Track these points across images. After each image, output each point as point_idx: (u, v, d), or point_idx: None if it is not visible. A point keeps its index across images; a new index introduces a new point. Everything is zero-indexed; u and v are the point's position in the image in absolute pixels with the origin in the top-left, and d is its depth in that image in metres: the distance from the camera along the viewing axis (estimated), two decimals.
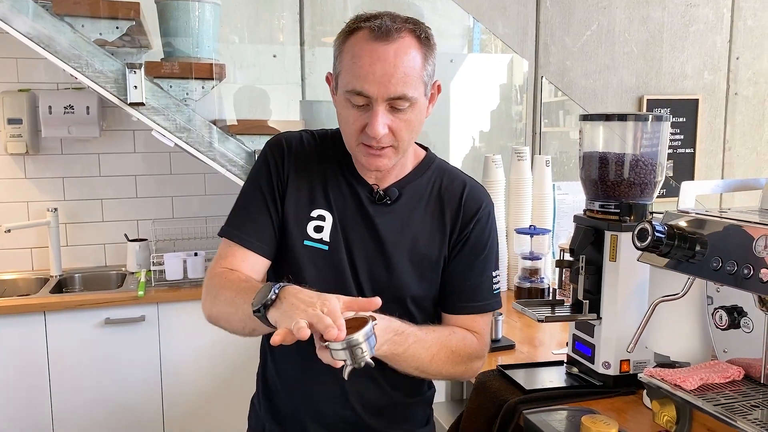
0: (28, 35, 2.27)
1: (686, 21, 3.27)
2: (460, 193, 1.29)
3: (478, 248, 1.28)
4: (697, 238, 1.12)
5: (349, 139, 1.19)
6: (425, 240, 1.26)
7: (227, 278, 1.20)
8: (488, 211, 1.31)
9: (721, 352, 1.23)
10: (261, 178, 1.27)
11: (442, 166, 1.34)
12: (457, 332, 1.26)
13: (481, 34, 3.54)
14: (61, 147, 2.97)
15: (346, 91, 1.13)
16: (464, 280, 1.28)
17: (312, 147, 1.29)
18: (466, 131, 3.49)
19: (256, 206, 1.26)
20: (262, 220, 1.25)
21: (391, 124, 1.13)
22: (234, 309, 1.14)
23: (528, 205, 2.38)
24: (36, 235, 2.95)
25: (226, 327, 1.20)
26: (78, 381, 2.56)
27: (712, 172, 3.44)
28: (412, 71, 1.12)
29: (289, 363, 1.29)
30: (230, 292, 1.16)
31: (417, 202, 1.28)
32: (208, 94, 2.56)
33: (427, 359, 1.18)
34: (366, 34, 1.11)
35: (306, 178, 1.26)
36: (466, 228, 1.27)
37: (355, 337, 0.94)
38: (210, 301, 1.21)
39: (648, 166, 1.40)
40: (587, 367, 1.47)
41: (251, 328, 1.13)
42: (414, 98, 1.13)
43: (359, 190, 1.26)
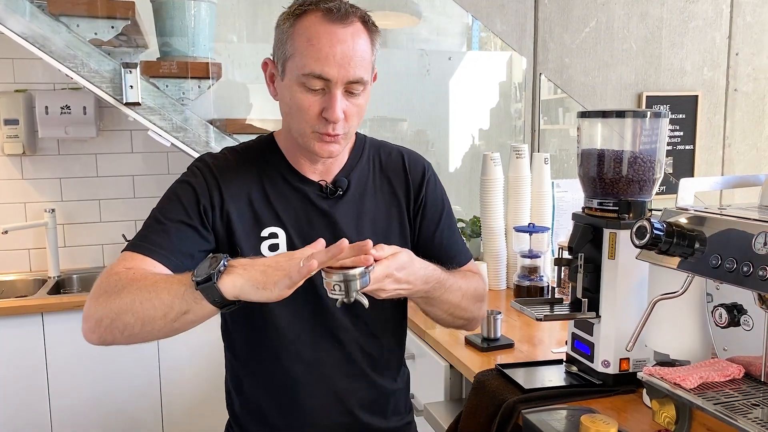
0: (23, 35, 2.26)
1: (685, 17, 3.26)
2: (402, 164, 1.31)
3: (438, 206, 1.33)
4: (696, 236, 1.11)
5: (303, 126, 1.13)
6: (383, 218, 1.27)
7: (137, 272, 1.04)
8: (431, 171, 1.35)
9: (721, 350, 1.22)
10: (183, 196, 1.16)
11: (374, 142, 1.34)
12: (469, 275, 1.33)
13: (480, 32, 3.53)
14: (58, 147, 2.96)
15: (303, 74, 1.08)
16: (441, 238, 1.33)
17: (242, 163, 1.22)
18: (466, 129, 3.48)
19: (173, 221, 1.13)
20: (180, 236, 1.12)
21: (346, 109, 1.12)
22: (154, 294, 0.98)
23: (527, 203, 2.37)
24: (34, 236, 2.94)
25: (133, 324, 0.99)
26: (76, 382, 2.55)
27: (712, 169, 3.43)
28: (366, 54, 1.12)
29: (275, 381, 1.25)
30: (144, 280, 1.01)
31: (365, 184, 1.27)
32: (205, 94, 2.55)
33: (457, 301, 1.25)
34: (321, 16, 1.08)
35: (245, 198, 1.19)
36: (420, 193, 1.30)
37: (352, 272, 0.99)
38: (105, 300, 1.01)
39: (647, 163, 1.39)
40: (586, 365, 1.46)
41: (181, 312, 0.97)
42: (366, 82, 1.13)
43: (307, 191, 1.23)
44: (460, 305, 1.26)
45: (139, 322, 0.99)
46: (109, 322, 1.01)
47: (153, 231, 1.13)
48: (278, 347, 1.23)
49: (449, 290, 1.21)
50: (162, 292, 0.99)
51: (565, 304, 1.52)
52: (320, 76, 1.08)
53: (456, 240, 1.37)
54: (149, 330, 1.00)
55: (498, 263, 2.34)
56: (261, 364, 1.26)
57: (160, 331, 1.01)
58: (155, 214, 1.16)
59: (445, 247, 1.33)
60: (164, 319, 0.99)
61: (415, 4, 3.40)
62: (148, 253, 1.09)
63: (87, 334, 1.04)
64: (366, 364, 1.28)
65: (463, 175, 3.43)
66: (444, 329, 1.89)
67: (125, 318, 0.99)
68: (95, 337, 1.03)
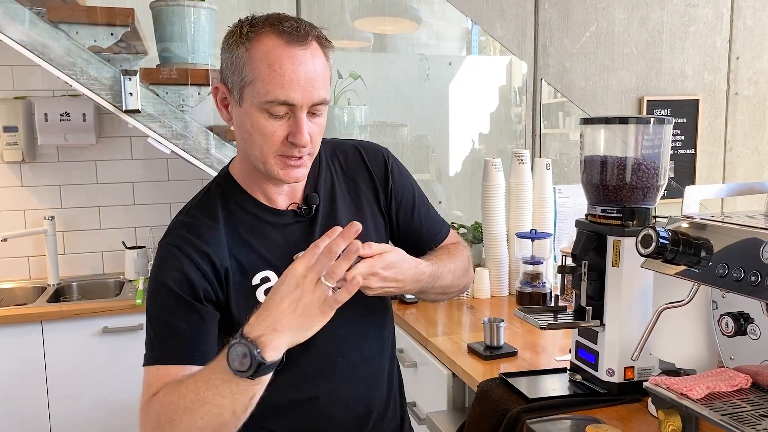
0: (22, 43, 2.25)
1: (686, 21, 3.26)
2: (360, 158, 1.29)
3: (408, 188, 1.32)
4: (702, 244, 1.10)
5: (266, 153, 1.08)
6: (360, 222, 1.24)
7: (167, 393, 1.00)
8: (391, 157, 1.33)
9: (727, 359, 1.21)
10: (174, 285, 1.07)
11: (326, 145, 1.28)
12: (452, 249, 1.35)
13: (479, 36, 3.52)
14: (58, 154, 2.95)
15: (267, 101, 1.03)
16: (419, 219, 1.33)
17: (210, 217, 1.14)
18: (466, 134, 3.47)
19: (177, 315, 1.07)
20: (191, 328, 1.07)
21: (310, 130, 1.08)
22: (209, 404, 0.95)
23: (529, 208, 2.36)
24: (33, 244, 2.93)
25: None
26: (76, 391, 2.53)
27: (713, 173, 3.42)
28: (326, 74, 1.09)
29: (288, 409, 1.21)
30: (185, 398, 0.97)
31: (332, 191, 1.24)
32: (205, 100, 2.54)
33: (448, 283, 1.27)
34: (277, 40, 1.04)
35: (229, 252, 1.12)
36: (387, 182, 1.29)
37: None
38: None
39: (650, 169, 1.38)
40: (591, 374, 1.45)
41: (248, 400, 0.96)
42: (328, 101, 1.11)
43: (284, 221, 1.18)
44: (453, 284, 1.29)
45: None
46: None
47: (163, 336, 1.08)
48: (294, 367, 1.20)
49: (441, 278, 1.23)
50: (215, 398, 0.95)
51: (568, 312, 1.50)
52: (285, 102, 1.04)
53: (433, 216, 1.37)
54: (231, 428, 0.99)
55: (500, 269, 2.33)
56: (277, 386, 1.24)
57: (236, 425, 0.99)
58: (156, 315, 1.09)
59: (425, 227, 1.34)
60: (234, 415, 0.97)
61: (415, 10, 3.40)
62: (170, 361, 1.06)
63: None
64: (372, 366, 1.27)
65: (464, 180, 3.42)
66: (446, 338, 1.89)
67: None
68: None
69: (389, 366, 1.32)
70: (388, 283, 1.08)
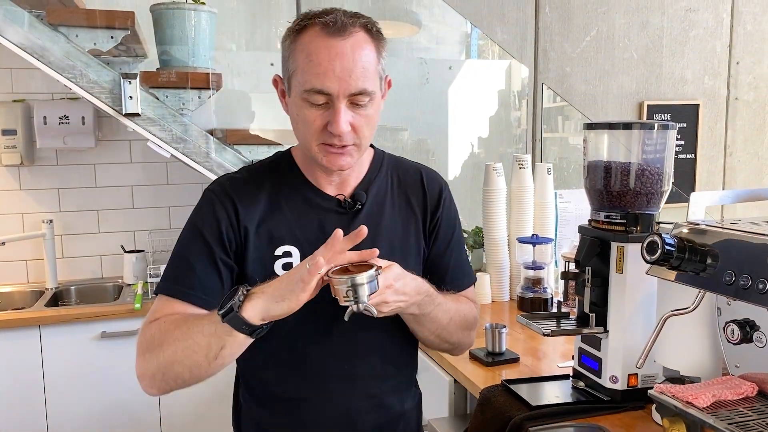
0: (22, 46, 2.24)
1: (686, 26, 3.26)
2: (420, 181, 1.30)
3: (451, 228, 1.32)
4: (708, 251, 1.09)
5: (310, 141, 1.13)
6: (400, 236, 1.25)
7: (168, 321, 1.09)
8: (448, 190, 1.34)
9: (733, 366, 1.20)
10: (203, 225, 1.16)
11: (392, 158, 1.34)
12: (463, 299, 1.31)
13: (478, 40, 3.52)
14: (57, 158, 2.93)
15: (305, 90, 1.08)
16: (449, 259, 1.31)
17: (258, 181, 1.22)
18: (465, 137, 3.47)
19: (197, 256, 1.15)
20: (205, 271, 1.14)
21: (353, 120, 1.11)
22: (191, 340, 1.03)
23: (530, 213, 2.35)
24: (31, 247, 2.91)
25: (182, 372, 1.06)
26: (74, 396, 2.51)
27: (713, 178, 3.42)
28: (369, 65, 1.10)
29: (284, 400, 1.23)
30: (179, 329, 1.06)
31: (383, 200, 1.26)
32: (205, 104, 2.53)
33: (445, 322, 1.23)
34: (319, 31, 1.07)
35: (261, 218, 1.18)
36: (437, 212, 1.30)
37: (359, 278, 0.98)
38: (150, 356, 1.07)
39: (654, 175, 1.37)
40: (594, 381, 1.44)
41: (218, 348, 1.02)
42: (373, 93, 1.11)
43: (325, 206, 1.21)
44: (447, 327, 1.24)
45: (187, 370, 1.06)
46: (161, 375, 1.07)
47: (180, 271, 1.15)
48: (288, 367, 1.21)
49: (438, 307, 1.20)
50: (197, 335, 1.03)
51: (571, 319, 1.49)
52: (321, 91, 1.07)
53: (462, 263, 1.35)
54: (198, 374, 1.06)
55: (501, 274, 2.32)
56: (271, 382, 1.24)
57: (207, 371, 1.06)
58: (180, 250, 1.17)
59: (451, 269, 1.32)
60: (206, 360, 1.04)
61: (415, 14, 3.40)
62: (180, 296, 1.13)
63: (147, 390, 1.11)
64: (376, 385, 1.26)
65: (464, 184, 3.42)
66: None
67: (174, 369, 1.06)
68: (155, 391, 1.10)
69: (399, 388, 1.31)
70: (399, 296, 1.08)
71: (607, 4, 3.13)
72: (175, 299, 1.13)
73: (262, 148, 2.59)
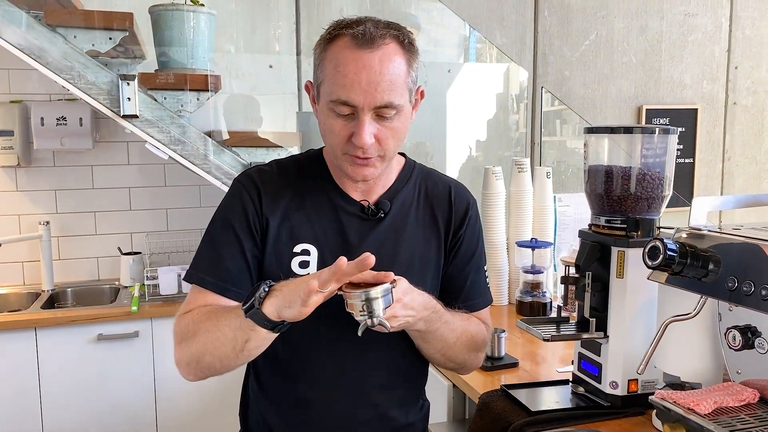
0: (19, 46, 2.23)
1: (685, 30, 3.26)
2: (448, 195, 1.29)
3: (473, 246, 1.30)
4: (710, 257, 1.09)
5: (335, 150, 1.14)
6: (421, 249, 1.24)
7: (200, 313, 1.13)
8: (475, 208, 1.33)
9: (734, 373, 1.19)
10: (233, 217, 1.18)
11: (423, 170, 1.33)
12: (473, 319, 1.30)
13: (476, 43, 3.52)
14: (54, 159, 2.92)
15: (330, 100, 1.09)
16: (466, 278, 1.29)
17: (286, 177, 1.23)
18: (463, 140, 3.46)
19: (228, 248, 1.17)
20: (236, 263, 1.17)
21: (378, 132, 1.10)
22: (219, 332, 1.07)
23: (529, 217, 2.35)
24: (28, 249, 2.90)
25: (211, 361, 1.10)
26: (69, 399, 2.50)
27: (711, 182, 3.42)
28: (397, 78, 1.09)
29: (290, 400, 1.24)
30: (208, 321, 1.10)
31: (407, 210, 1.25)
32: (203, 106, 2.52)
33: (451, 341, 1.21)
34: (348, 41, 1.07)
35: (284, 213, 1.19)
36: (461, 229, 1.28)
37: (373, 292, 0.96)
38: (185, 345, 1.12)
39: (655, 180, 1.37)
40: (594, 386, 1.43)
41: (243, 341, 1.05)
42: (400, 105, 1.10)
43: (348, 210, 1.22)
44: (454, 347, 1.22)
45: (217, 360, 1.10)
46: (195, 364, 1.12)
47: (212, 262, 1.18)
48: (297, 368, 1.22)
49: (445, 325, 1.18)
50: (224, 328, 1.06)
51: (571, 324, 1.49)
52: (346, 103, 1.07)
53: (480, 283, 1.33)
54: (228, 364, 1.10)
55: (500, 278, 2.32)
56: (278, 381, 1.25)
57: (235, 362, 1.10)
58: (211, 239, 1.20)
59: (467, 288, 1.30)
60: (234, 352, 1.07)
61: (414, 16, 3.39)
62: (212, 288, 1.16)
63: (185, 376, 1.15)
64: (382, 396, 1.25)
65: None
66: None
67: (206, 359, 1.10)
68: (192, 377, 1.15)
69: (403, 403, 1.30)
70: (407, 311, 1.06)
71: (606, 8, 3.13)
72: (207, 291, 1.16)
73: (261, 150, 2.58)
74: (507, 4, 2.99)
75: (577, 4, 3.08)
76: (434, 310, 1.14)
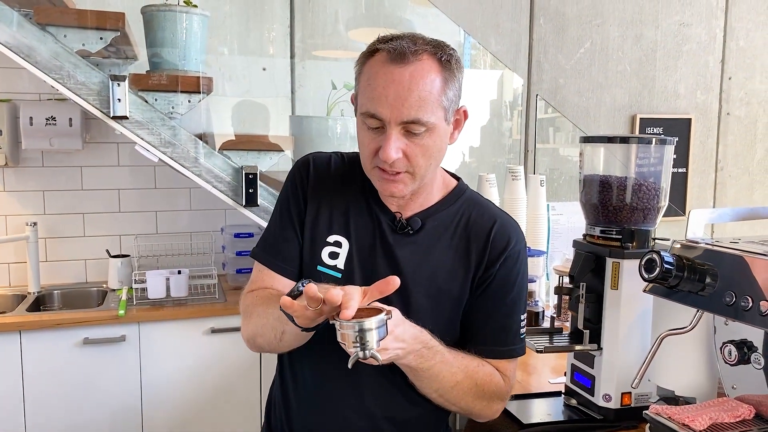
0: (8, 45, 2.19)
1: (679, 41, 3.26)
2: (489, 229, 1.22)
3: (506, 288, 1.22)
4: (707, 270, 1.07)
5: (365, 162, 1.16)
6: (446, 275, 1.20)
7: (258, 296, 1.23)
8: (518, 249, 1.23)
9: (729, 388, 1.18)
10: (288, 200, 1.27)
11: (473, 198, 1.28)
12: (486, 367, 1.20)
13: (471, 50, 3.51)
14: (42, 159, 2.88)
15: (361, 113, 1.11)
16: (491, 320, 1.22)
17: (338, 170, 1.27)
18: (457, 147, 3.45)
19: (283, 229, 1.26)
20: (289, 243, 1.25)
21: (406, 149, 1.10)
22: (266, 318, 1.15)
23: (522, 225, 2.32)
24: (14, 250, 2.86)
25: (262, 343, 1.20)
26: (54, 404, 2.45)
27: (704, 192, 3.42)
28: (428, 95, 1.07)
29: (307, 379, 1.26)
30: (261, 306, 1.19)
31: (441, 234, 1.22)
32: (195, 108, 2.49)
33: (449, 384, 1.14)
34: (383, 57, 1.09)
35: (327, 202, 1.24)
36: (493, 266, 1.20)
37: (367, 323, 0.93)
38: (245, 323, 1.23)
39: (651, 190, 1.35)
40: (586, 399, 1.41)
41: (281, 332, 1.12)
42: (431, 123, 1.09)
43: (381, 218, 1.22)
44: (453, 390, 1.15)
45: (266, 342, 1.18)
46: (252, 342, 1.22)
47: (275, 239, 1.27)
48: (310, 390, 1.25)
49: (441, 364, 1.11)
50: (270, 317, 1.13)
51: (564, 335, 1.47)
52: (374, 116, 1.09)
53: (509, 332, 1.22)
54: (275, 347, 1.19)
55: None
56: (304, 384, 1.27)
57: (278, 348, 1.19)
58: (276, 218, 1.29)
59: (489, 331, 1.22)
60: (275, 338, 1.15)
61: (409, 21, 3.38)
62: (270, 266, 1.25)
63: (250, 347, 1.24)
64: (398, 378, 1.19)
65: None
66: None
67: (259, 339, 1.20)
68: (255, 349, 1.25)
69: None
70: (398, 343, 1.01)
71: (601, 16, 3.13)
72: (265, 268, 1.25)
73: (252, 153, 2.55)
74: (502, 11, 2.98)
75: (573, 13, 3.08)
76: (427, 346, 1.08)
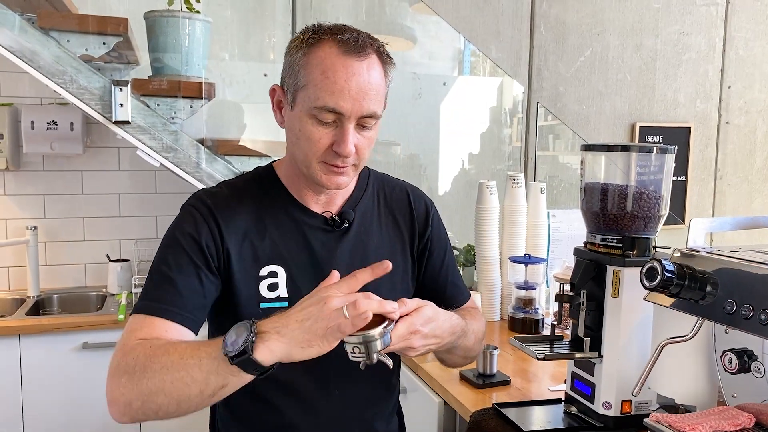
0: (11, 49, 2.20)
1: (679, 49, 3.28)
2: (407, 200, 1.30)
3: (443, 244, 1.33)
4: (708, 278, 1.07)
5: (310, 158, 1.09)
6: (387, 255, 1.21)
7: (155, 347, 0.97)
8: (435, 208, 1.34)
9: (729, 396, 1.18)
10: (185, 243, 1.09)
11: (378, 175, 1.32)
12: (476, 314, 1.33)
13: (471, 57, 3.52)
14: (43, 163, 2.89)
15: (316, 106, 1.05)
16: (446, 276, 1.33)
17: (240, 197, 1.16)
18: (457, 153, 3.46)
19: (182, 275, 1.07)
20: (188, 288, 1.07)
21: (357, 142, 1.09)
22: (184, 372, 0.92)
23: (522, 233, 2.33)
24: (14, 254, 2.86)
25: (167, 403, 0.94)
26: (53, 408, 2.45)
27: (703, 201, 3.43)
28: (380, 88, 1.09)
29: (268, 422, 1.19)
30: (167, 356, 0.94)
31: (370, 218, 1.24)
32: (197, 113, 2.50)
33: (471, 345, 1.24)
34: (336, 47, 1.05)
35: (242, 236, 1.13)
36: (426, 231, 1.29)
37: (372, 333, 0.93)
38: (130, 382, 0.95)
39: (652, 199, 1.36)
40: (586, 406, 1.41)
41: (219, 387, 0.92)
42: (379, 116, 1.10)
43: (310, 223, 1.18)
44: (474, 348, 1.27)
45: (174, 402, 0.94)
46: (140, 404, 0.95)
47: (160, 287, 1.07)
48: (277, 392, 1.17)
49: (467, 336, 1.20)
50: (192, 369, 0.92)
51: (565, 342, 1.47)
52: (333, 110, 1.05)
53: (458, 277, 1.38)
54: (186, 407, 0.95)
55: (492, 294, 2.30)
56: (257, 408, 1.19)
57: (197, 406, 0.96)
58: (159, 267, 1.09)
59: (449, 286, 1.33)
60: (201, 395, 0.93)
61: (410, 29, 3.39)
62: (159, 313, 1.04)
63: (117, 417, 0.98)
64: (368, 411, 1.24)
65: (454, 200, 3.40)
66: (437, 363, 1.84)
67: (157, 399, 0.94)
68: (127, 419, 0.98)
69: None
70: (428, 340, 1.04)
71: (601, 25, 3.14)
72: (154, 317, 1.03)
73: (253, 159, 2.56)
74: (503, 19, 2.99)
75: (573, 21, 3.09)
76: (462, 330, 1.15)
